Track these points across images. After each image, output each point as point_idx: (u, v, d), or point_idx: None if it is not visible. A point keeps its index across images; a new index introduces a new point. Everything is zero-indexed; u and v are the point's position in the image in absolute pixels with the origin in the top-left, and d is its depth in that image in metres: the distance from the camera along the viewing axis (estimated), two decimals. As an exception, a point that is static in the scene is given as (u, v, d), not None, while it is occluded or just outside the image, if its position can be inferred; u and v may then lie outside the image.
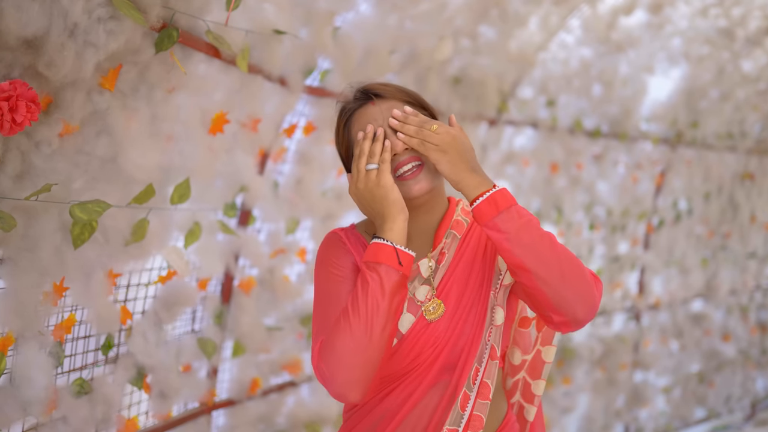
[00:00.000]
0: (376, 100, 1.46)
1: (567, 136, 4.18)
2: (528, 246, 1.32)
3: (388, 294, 1.34)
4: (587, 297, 1.33)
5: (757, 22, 4.26)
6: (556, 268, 1.32)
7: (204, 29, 1.80)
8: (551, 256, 1.32)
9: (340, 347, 1.33)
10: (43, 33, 1.38)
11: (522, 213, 1.35)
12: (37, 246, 1.55)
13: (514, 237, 1.33)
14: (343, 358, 1.33)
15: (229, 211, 2.39)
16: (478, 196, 1.37)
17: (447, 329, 1.43)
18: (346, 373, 1.33)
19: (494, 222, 1.35)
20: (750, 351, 5.82)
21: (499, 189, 1.37)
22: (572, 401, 4.57)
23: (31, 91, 1.37)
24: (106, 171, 1.68)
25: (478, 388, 1.40)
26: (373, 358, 1.33)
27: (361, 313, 1.33)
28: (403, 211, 1.40)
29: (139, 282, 2.10)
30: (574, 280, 1.32)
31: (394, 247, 1.37)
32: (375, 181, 1.40)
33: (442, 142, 1.38)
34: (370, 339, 1.33)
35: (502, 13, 3.21)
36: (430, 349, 1.42)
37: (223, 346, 2.55)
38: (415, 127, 1.40)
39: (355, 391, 1.34)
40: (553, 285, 1.32)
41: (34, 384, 1.58)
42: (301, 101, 2.56)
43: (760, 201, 5.78)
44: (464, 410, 1.40)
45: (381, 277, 1.35)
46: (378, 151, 1.41)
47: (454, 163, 1.38)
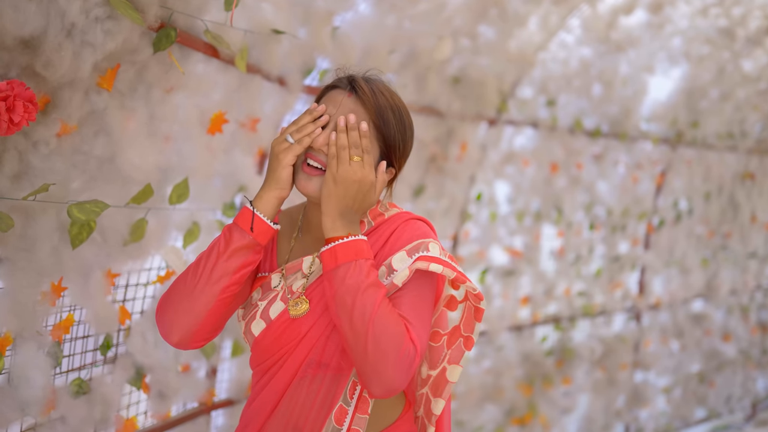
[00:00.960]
0: (351, 94, 1.43)
1: (567, 135, 4.17)
2: (347, 309, 1.31)
3: (229, 252, 1.39)
4: (385, 379, 1.30)
5: (758, 22, 4.26)
6: (362, 341, 1.29)
7: (202, 29, 1.80)
8: (362, 328, 1.29)
9: (172, 291, 1.43)
10: (41, 33, 1.38)
11: (357, 271, 1.33)
12: (34, 246, 1.55)
13: (340, 297, 1.32)
14: (171, 301, 1.42)
15: (227, 211, 2.38)
16: (328, 241, 1.37)
17: (312, 328, 1.42)
18: (170, 315, 1.41)
19: (330, 275, 1.35)
20: (750, 351, 5.82)
21: (347, 241, 1.35)
22: (572, 401, 4.56)
23: (28, 91, 1.36)
24: (104, 171, 1.68)
25: (357, 403, 1.40)
26: (197, 307, 1.39)
27: (200, 265, 1.40)
28: (279, 189, 1.41)
29: (138, 282, 2.10)
30: (376, 358, 1.29)
31: (253, 212, 1.41)
32: (279, 151, 1.41)
33: (343, 173, 1.36)
34: (194, 287, 1.39)
35: (502, 13, 3.21)
36: (294, 343, 1.43)
37: (222, 345, 2.55)
38: (344, 142, 1.38)
39: (174, 333, 1.42)
40: (357, 355, 1.31)
41: (32, 384, 1.58)
42: (300, 101, 2.56)
43: (760, 201, 5.78)
44: (341, 425, 1.39)
45: (231, 236, 1.40)
46: (305, 131, 1.41)
47: (331, 196, 1.37)
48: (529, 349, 4.28)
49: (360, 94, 1.43)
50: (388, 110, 1.44)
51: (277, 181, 1.41)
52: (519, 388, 4.27)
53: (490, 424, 4.12)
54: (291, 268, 1.48)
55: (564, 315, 4.46)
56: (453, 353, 1.51)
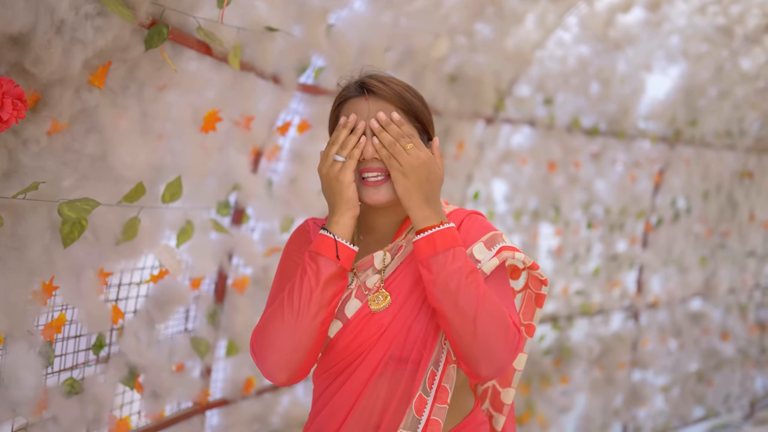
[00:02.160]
0: (369, 96, 1.43)
1: (565, 134, 4.16)
2: (452, 294, 1.33)
3: (321, 284, 1.38)
4: (496, 360, 1.33)
5: (756, 20, 4.25)
6: (471, 324, 1.32)
7: (195, 26, 1.79)
8: (470, 311, 1.32)
9: (271, 331, 1.40)
10: (29, 29, 1.36)
11: (458, 257, 1.35)
12: (25, 245, 1.54)
13: (441, 282, 1.33)
14: (273, 342, 1.39)
15: (222, 210, 2.37)
16: (421, 230, 1.38)
17: (393, 321, 1.42)
18: (274, 356, 1.39)
19: (428, 261, 1.35)
20: (749, 350, 5.81)
21: (443, 229, 1.37)
22: (570, 400, 4.56)
23: (17, 88, 1.35)
24: (96, 169, 1.67)
25: (436, 392, 1.40)
26: (302, 344, 1.38)
27: (294, 300, 1.38)
28: (352, 209, 1.41)
29: (131, 281, 2.09)
30: (486, 340, 1.32)
31: (335, 240, 1.40)
32: (335, 174, 1.40)
33: (407, 164, 1.37)
34: (297, 325, 1.38)
35: (499, 11, 3.20)
36: (375, 338, 1.42)
37: (216, 345, 2.54)
38: (390, 138, 1.38)
39: (282, 373, 1.40)
40: (464, 338, 1.33)
41: (23, 384, 1.56)
42: (295, 99, 2.55)
43: (759, 199, 5.77)
44: (421, 414, 1.39)
45: (318, 267, 1.39)
46: (350, 145, 1.40)
47: (409, 190, 1.38)
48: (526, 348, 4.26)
49: (376, 92, 1.43)
50: (405, 92, 1.45)
51: (346, 202, 1.41)
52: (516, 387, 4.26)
53: (488, 423, 4.11)
54: (361, 266, 1.48)
55: (562, 314, 4.45)
56: None
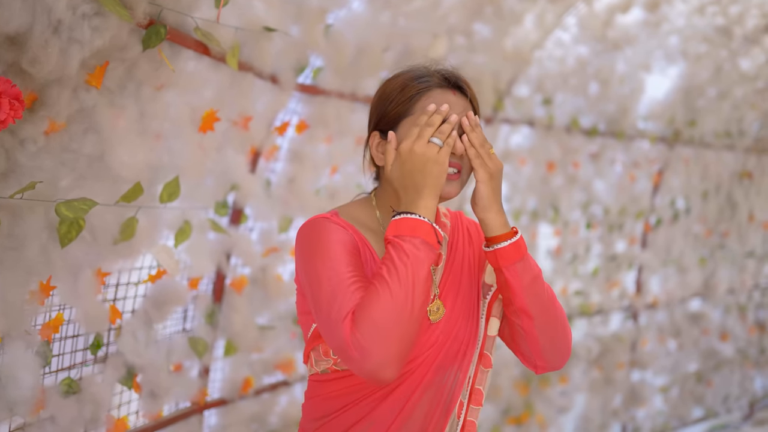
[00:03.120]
0: (456, 92, 1.40)
1: (564, 134, 4.16)
2: (537, 296, 1.39)
3: (427, 267, 1.25)
4: (567, 349, 1.45)
5: (755, 21, 4.25)
6: (552, 320, 1.41)
7: (192, 26, 1.79)
8: (551, 308, 1.41)
9: (380, 317, 1.19)
10: (26, 29, 1.36)
11: (533, 263, 1.42)
12: (23, 245, 1.54)
13: (529, 285, 1.39)
14: (384, 329, 1.19)
15: (220, 210, 2.37)
16: (504, 236, 1.38)
17: (444, 331, 1.42)
18: (385, 347, 1.19)
19: (515, 267, 1.39)
20: (748, 350, 5.81)
21: (521, 235, 1.41)
22: (569, 401, 4.56)
23: (14, 88, 1.35)
24: (94, 169, 1.67)
25: (470, 395, 1.44)
26: (411, 334, 1.23)
27: (402, 281, 1.22)
28: (439, 196, 1.34)
29: (129, 281, 2.09)
30: (561, 333, 1.43)
31: (432, 225, 1.29)
32: (434, 155, 1.31)
33: (494, 167, 1.37)
34: (411, 310, 1.22)
35: (497, 11, 3.20)
36: (428, 351, 1.39)
37: (214, 345, 2.54)
38: (481, 139, 1.38)
39: (391, 367, 1.20)
40: (547, 334, 1.41)
41: (21, 384, 1.56)
42: (293, 99, 2.55)
43: (758, 200, 5.77)
44: (459, 417, 1.43)
45: (423, 252, 1.25)
46: (447, 132, 1.33)
47: (493, 192, 1.38)
48: None
49: (464, 91, 1.41)
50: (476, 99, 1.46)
51: (439, 186, 1.32)
52: (515, 388, 4.26)
53: (487, 423, 4.11)
54: None
55: (561, 314, 4.44)
56: None
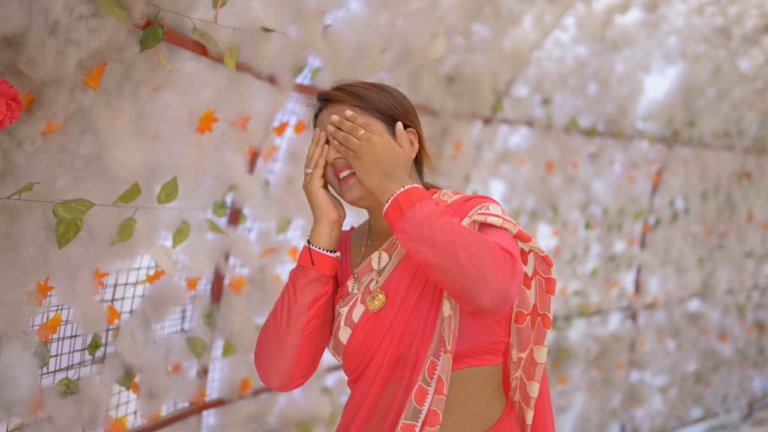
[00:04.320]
0: (327, 105, 1.51)
1: (562, 134, 4.16)
2: (427, 239, 1.30)
3: (298, 291, 1.47)
4: (491, 284, 1.25)
5: (754, 21, 4.25)
6: (453, 256, 1.26)
7: (190, 27, 1.79)
8: (448, 244, 1.27)
9: (262, 339, 1.51)
10: (23, 30, 1.36)
11: (425, 206, 1.34)
12: (20, 245, 1.54)
13: (416, 233, 1.31)
14: (262, 349, 1.50)
15: (218, 210, 2.37)
16: (385, 201, 1.38)
17: (395, 321, 1.43)
18: (264, 361, 1.50)
19: (399, 224, 1.35)
20: (747, 350, 5.81)
21: (404, 189, 1.37)
22: (568, 401, 4.56)
23: (11, 89, 1.35)
24: (91, 170, 1.67)
25: (436, 384, 1.39)
26: (287, 350, 1.47)
27: (276, 309, 1.49)
28: (325, 215, 1.49)
29: (127, 281, 2.09)
30: (474, 266, 1.25)
31: (309, 248, 1.49)
32: (305, 186, 1.51)
33: (359, 149, 1.41)
34: (278, 332, 1.47)
35: (496, 11, 3.20)
36: (379, 340, 1.44)
37: (213, 345, 2.54)
38: (343, 134, 1.45)
39: (272, 377, 1.50)
40: (452, 274, 1.27)
41: (19, 384, 1.56)
42: (291, 99, 2.55)
43: (757, 200, 5.77)
44: (422, 405, 1.39)
45: (296, 276, 1.48)
46: (315, 156, 1.50)
47: (366, 170, 1.41)
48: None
49: (330, 99, 1.51)
50: (362, 89, 1.50)
51: (318, 208, 1.49)
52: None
53: (486, 423, 4.11)
54: (362, 270, 1.52)
55: (560, 314, 4.45)
56: (536, 334, 1.53)
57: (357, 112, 1.48)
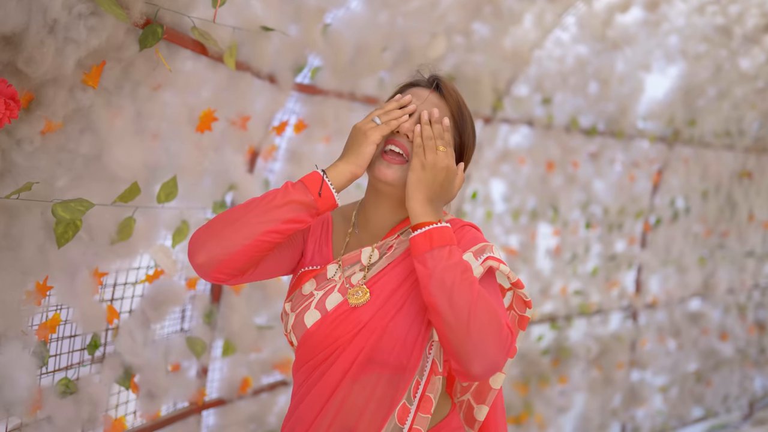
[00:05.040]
0: (434, 92, 1.49)
1: (563, 134, 4.16)
2: (446, 289, 1.31)
3: (284, 202, 1.39)
4: (488, 357, 1.31)
5: (755, 20, 4.24)
6: (465, 320, 1.30)
7: (190, 26, 1.79)
8: (464, 306, 1.30)
9: (217, 218, 1.42)
10: (22, 29, 1.36)
11: (454, 254, 1.35)
12: (19, 245, 1.54)
13: (437, 276, 1.33)
14: (212, 225, 1.41)
15: (218, 210, 2.37)
16: (419, 226, 1.38)
17: (371, 319, 1.42)
18: (204, 235, 1.40)
19: (424, 256, 1.35)
20: (748, 350, 5.80)
21: (440, 226, 1.37)
22: (568, 400, 4.55)
23: (10, 88, 1.35)
24: (91, 169, 1.66)
25: (419, 402, 1.40)
26: (234, 237, 1.38)
27: (253, 202, 1.41)
28: (357, 166, 1.43)
29: (126, 281, 2.08)
30: (480, 336, 1.30)
31: (323, 178, 1.41)
32: (363, 130, 1.43)
33: (431, 159, 1.40)
34: (238, 219, 1.39)
35: (496, 10, 3.19)
36: (351, 334, 1.41)
37: (213, 345, 2.54)
38: (430, 133, 1.42)
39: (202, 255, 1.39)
40: (457, 334, 1.30)
41: (17, 384, 1.56)
42: (291, 99, 2.55)
43: (758, 199, 5.76)
44: (403, 423, 1.39)
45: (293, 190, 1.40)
46: (393, 115, 1.44)
47: (420, 182, 1.40)
48: (525, 348, 4.27)
49: (443, 92, 1.49)
50: (465, 109, 1.51)
51: (358, 156, 1.43)
52: (515, 387, 4.26)
53: (486, 423, 4.11)
54: (348, 260, 1.49)
55: (560, 314, 4.45)
56: None
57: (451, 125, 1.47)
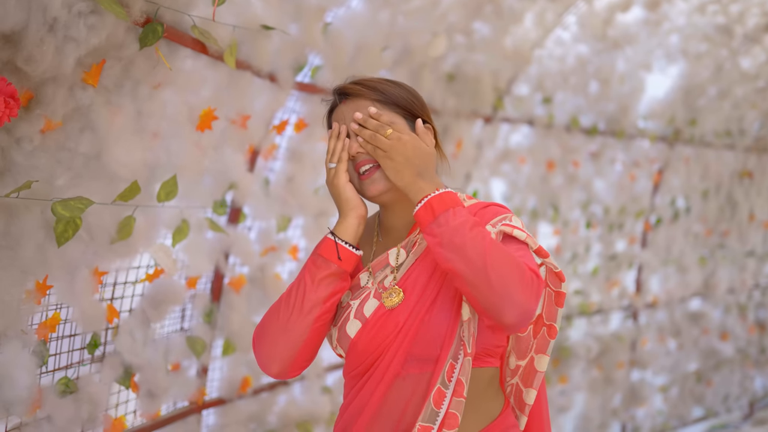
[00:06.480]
0: (345, 99, 1.49)
1: (563, 133, 4.16)
2: (458, 248, 1.32)
3: (316, 283, 1.43)
4: (517, 303, 1.30)
5: (756, 19, 4.24)
6: (482, 271, 1.29)
7: (190, 24, 1.78)
8: (479, 258, 1.30)
9: (266, 324, 1.47)
10: (22, 28, 1.36)
11: (459, 214, 1.35)
12: (18, 244, 1.53)
13: (447, 240, 1.33)
14: (267, 334, 1.46)
15: (218, 209, 2.37)
16: (418, 201, 1.38)
17: (408, 318, 1.43)
18: (267, 348, 1.45)
19: (430, 228, 1.35)
20: (748, 350, 5.80)
21: (439, 193, 1.37)
22: (569, 400, 4.55)
23: (10, 86, 1.35)
24: (91, 168, 1.66)
25: (454, 386, 1.40)
26: (294, 339, 1.43)
27: (291, 297, 1.44)
28: (354, 209, 1.47)
29: (126, 280, 2.08)
30: (502, 283, 1.29)
31: (335, 242, 1.45)
32: (330, 180, 1.48)
33: (389, 148, 1.40)
34: (288, 320, 1.43)
35: (497, 9, 3.19)
36: (392, 337, 1.43)
37: (213, 344, 2.53)
38: (370, 131, 1.43)
39: (273, 365, 1.46)
40: (480, 289, 1.30)
41: (17, 383, 1.56)
42: (291, 98, 2.54)
43: (758, 199, 5.76)
44: (439, 407, 1.39)
45: (317, 267, 1.44)
46: (338, 150, 1.47)
47: (398, 170, 1.40)
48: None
49: (350, 93, 1.49)
50: (380, 84, 1.48)
51: (347, 203, 1.47)
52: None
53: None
54: (378, 265, 1.50)
55: (560, 313, 4.44)
56: (539, 343, 1.55)
57: (378, 107, 1.46)
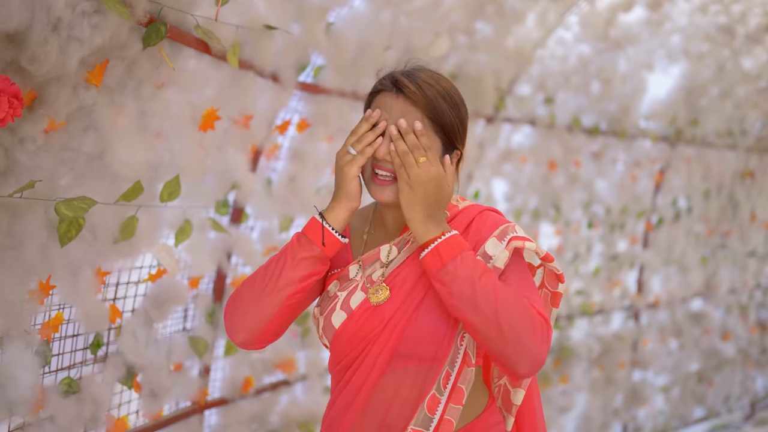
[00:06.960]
0: (399, 93, 1.41)
1: (565, 133, 4.16)
2: (469, 300, 1.32)
3: (295, 262, 1.42)
4: (530, 354, 1.31)
5: (758, 19, 4.24)
6: (495, 325, 1.30)
7: (193, 24, 1.78)
8: (491, 312, 1.30)
9: (240, 293, 1.46)
10: (26, 27, 1.35)
11: (467, 262, 1.34)
12: (22, 244, 1.53)
13: (457, 291, 1.33)
14: (239, 303, 1.45)
15: (220, 209, 2.37)
16: (425, 245, 1.38)
17: (394, 315, 1.42)
18: (237, 316, 1.45)
19: (439, 275, 1.35)
20: (749, 350, 5.80)
21: (445, 239, 1.36)
22: (570, 400, 4.55)
23: (13, 86, 1.34)
24: (94, 168, 1.66)
25: (450, 393, 1.40)
26: (263, 312, 1.42)
27: (268, 271, 1.43)
28: (350, 201, 1.43)
29: (129, 280, 2.08)
30: (515, 336, 1.30)
31: (323, 226, 1.42)
32: (342, 164, 1.42)
33: (415, 177, 1.37)
34: (261, 291, 1.42)
35: (499, 10, 3.19)
36: (377, 332, 1.42)
37: (215, 344, 2.53)
38: (405, 148, 1.37)
39: (240, 333, 1.45)
40: (493, 340, 1.31)
41: (20, 383, 1.56)
42: (294, 97, 2.54)
43: (760, 199, 5.76)
44: (433, 413, 1.39)
45: (300, 246, 1.42)
46: (366, 141, 1.40)
47: (412, 203, 1.38)
48: None
49: (407, 93, 1.40)
50: (439, 99, 1.41)
51: (346, 194, 1.43)
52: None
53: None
54: (368, 259, 1.49)
55: (562, 313, 4.45)
56: None
57: (425, 124, 1.39)
